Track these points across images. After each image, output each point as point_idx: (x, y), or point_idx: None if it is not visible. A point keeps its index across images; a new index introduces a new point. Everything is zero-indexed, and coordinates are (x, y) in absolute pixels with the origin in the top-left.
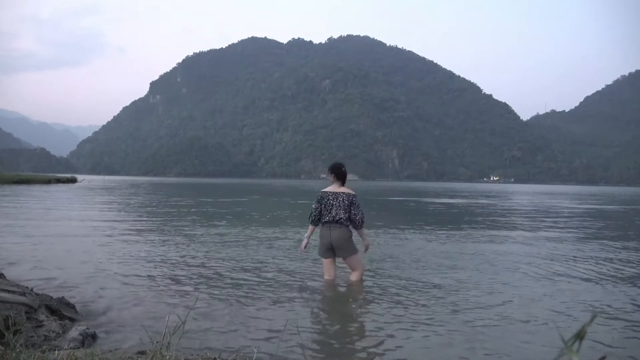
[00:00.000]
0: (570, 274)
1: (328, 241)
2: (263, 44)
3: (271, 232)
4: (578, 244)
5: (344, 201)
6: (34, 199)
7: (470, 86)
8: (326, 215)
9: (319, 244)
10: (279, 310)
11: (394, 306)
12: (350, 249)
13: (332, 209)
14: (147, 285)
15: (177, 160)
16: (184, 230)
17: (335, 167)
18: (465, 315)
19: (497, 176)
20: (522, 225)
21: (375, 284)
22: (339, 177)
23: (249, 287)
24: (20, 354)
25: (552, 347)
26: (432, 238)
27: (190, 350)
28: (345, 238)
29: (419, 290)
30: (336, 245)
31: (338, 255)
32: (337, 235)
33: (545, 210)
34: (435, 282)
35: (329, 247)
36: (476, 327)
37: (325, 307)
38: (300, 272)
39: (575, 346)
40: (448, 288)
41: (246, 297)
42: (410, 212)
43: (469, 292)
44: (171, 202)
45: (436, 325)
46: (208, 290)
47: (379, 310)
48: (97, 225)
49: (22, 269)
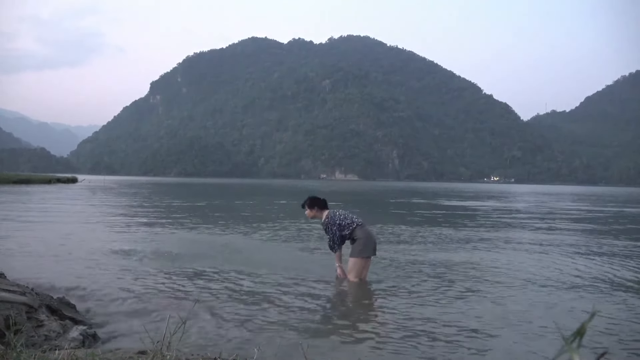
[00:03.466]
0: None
1: (375, 239)
2: (263, 44)
3: (272, 232)
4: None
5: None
6: (34, 199)
7: (470, 86)
8: (354, 220)
9: (366, 243)
10: (279, 311)
11: (404, 309)
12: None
13: (352, 215)
14: (148, 286)
15: (177, 160)
16: (184, 231)
17: (315, 199)
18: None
19: (497, 176)
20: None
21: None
22: (324, 204)
23: (249, 288)
24: (21, 353)
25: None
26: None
27: (191, 350)
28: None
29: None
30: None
31: (375, 253)
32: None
33: (577, 214)
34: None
35: (375, 245)
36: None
37: (328, 308)
38: (301, 273)
39: (575, 343)
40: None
41: (247, 297)
42: (456, 216)
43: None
44: (172, 202)
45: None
46: (209, 290)
47: (385, 313)
48: (99, 226)
49: (22, 269)
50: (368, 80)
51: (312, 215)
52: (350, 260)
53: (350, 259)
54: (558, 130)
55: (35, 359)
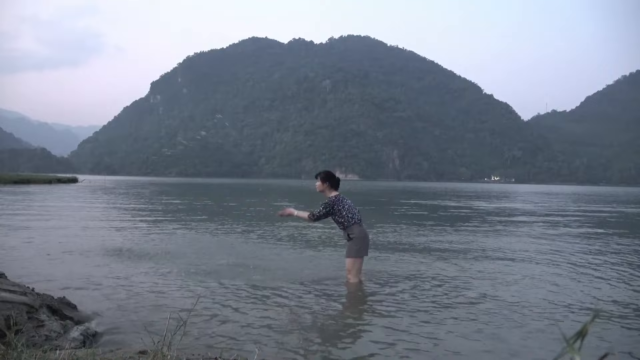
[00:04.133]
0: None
1: (369, 238)
2: (264, 44)
3: (272, 232)
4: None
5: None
6: (35, 199)
7: (470, 86)
8: (356, 215)
9: (363, 243)
10: (280, 311)
11: (407, 315)
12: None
13: (354, 209)
14: (149, 286)
15: (177, 161)
16: (185, 230)
17: (331, 175)
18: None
19: (497, 176)
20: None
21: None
22: (337, 184)
23: (250, 288)
24: (22, 353)
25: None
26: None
27: (192, 350)
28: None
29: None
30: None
31: (367, 253)
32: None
33: (600, 216)
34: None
35: (368, 244)
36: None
37: (330, 308)
38: (303, 273)
39: (577, 344)
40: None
41: (248, 298)
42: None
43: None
44: (171, 201)
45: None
46: (210, 290)
47: (388, 316)
48: (99, 225)
49: (23, 269)
50: (368, 80)
51: (320, 189)
52: (347, 260)
53: (348, 259)
54: (558, 130)
55: (36, 359)
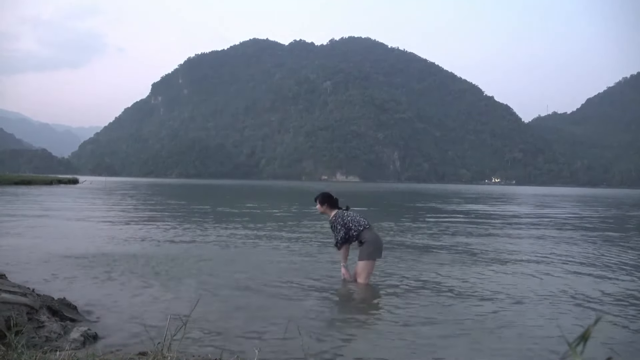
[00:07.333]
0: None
1: (382, 241)
2: (264, 45)
3: (273, 232)
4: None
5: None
6: (35, 200)
7: (471, 87)
8: (362, 222)
9: (375, 246)
10: (280, 312)
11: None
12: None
13: (359, 217)
14: (149, 287)
15: (178, 162)
16: (185, 231)
17: (328, 196)
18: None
19: (497, 178)
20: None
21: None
22: (335, 203)
23: (251, 288)
24: (22, 354)
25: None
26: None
27: (192, 351)
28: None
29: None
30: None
31: (381, 255)
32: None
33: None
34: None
35: (382, 247)
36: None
37: (333, 310)
38: (303, 274)
39: (580, 348)
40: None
41: (248, 298)
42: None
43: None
44: (171, 203)
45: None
46: (210, 291)
47: (393, 319)
48: (99, 226)
49: (23, 270)
50: (369, 81)
51: (321, 211)
52: (359, 263)
53: (360, 262)
54: (559, 132)
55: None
